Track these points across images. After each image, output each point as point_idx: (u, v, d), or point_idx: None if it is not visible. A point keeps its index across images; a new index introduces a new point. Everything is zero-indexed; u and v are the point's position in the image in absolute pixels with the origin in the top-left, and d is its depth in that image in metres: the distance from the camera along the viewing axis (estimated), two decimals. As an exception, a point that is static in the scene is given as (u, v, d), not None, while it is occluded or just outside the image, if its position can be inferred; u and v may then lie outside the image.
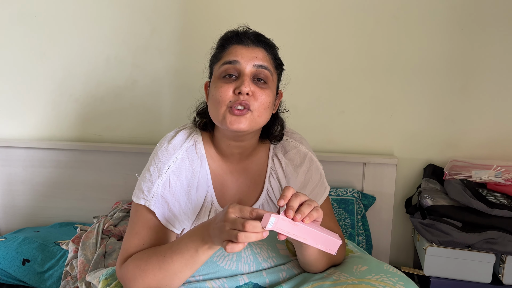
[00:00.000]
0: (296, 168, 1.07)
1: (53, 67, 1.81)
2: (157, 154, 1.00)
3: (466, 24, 1.62)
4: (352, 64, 1.70)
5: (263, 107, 0.94)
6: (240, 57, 0.94)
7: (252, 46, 0.96)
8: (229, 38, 0.98)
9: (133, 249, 0.96)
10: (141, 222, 0.97)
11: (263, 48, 0.98)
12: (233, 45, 0.97)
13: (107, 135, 1.85)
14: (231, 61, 0.94)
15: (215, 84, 0.96)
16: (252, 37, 0.97)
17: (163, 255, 0.90)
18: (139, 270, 0.91)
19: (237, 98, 0.92)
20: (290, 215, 0.77)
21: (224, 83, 0.93)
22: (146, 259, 0.92)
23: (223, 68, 0.95)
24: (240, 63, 0.94)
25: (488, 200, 1.40)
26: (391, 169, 1.68)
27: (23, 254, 1.50)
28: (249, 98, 0.92)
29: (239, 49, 0.95)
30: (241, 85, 0.91)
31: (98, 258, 1.34)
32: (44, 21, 1.78)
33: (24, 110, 1.86)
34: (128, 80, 1.80)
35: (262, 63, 0.95)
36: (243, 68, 0.94)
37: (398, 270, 1.01)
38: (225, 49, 0.97)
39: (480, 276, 1.36)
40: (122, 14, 1.75)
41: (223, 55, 0.97)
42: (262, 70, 0.95)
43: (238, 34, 0.97)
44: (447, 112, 1.68)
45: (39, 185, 1.85)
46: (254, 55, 0.95)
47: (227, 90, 0.92)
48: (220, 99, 0.92)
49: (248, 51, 0.95)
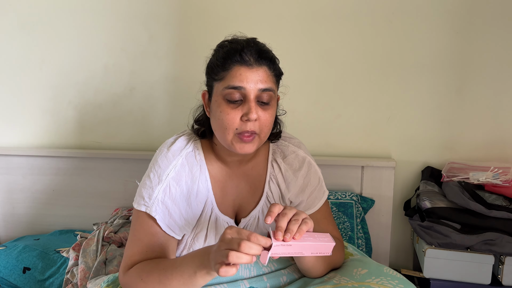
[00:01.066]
0: (295, 172, 1.08)
1: (52, 75, 1.81)
2: (157, 160, 1.01)
3: (461, 27, 1.63)
4: (349, 68, 1.70)
5: (267, 128, 0.97)
6: (245, 82, 0.92)
7: (256, 67, 0.93)
8: (230, 56, 0.94)
9: (136, 256, 0.96)
10: (142, 229, 0.98)
11: (266, 65, 0.95)
12: (236, 66, 0.93)
13: (106, 142, 1.85)
14: (236, 86, 0.92)
15: (220, 107, 0.94)
16: (255, 55, 0.94)
17: (164, 269, 0.90)
18: (141, 281, 0.92)
19: (244, 126, 0.93)
20: (279, 237, 0.78)
21: (230, 108, 0.93)
22: (148, 270, 0.92)
23: (228, 92, 0.93)
24: (245, 89, 0.92)
25: (486, 202, 1.41)
26: (389, 172, 1.69)
27: (23, 262, 1.49)
28: (255, 123, 0.94)
29: (243, 72, 0.92)
30: (249, 113, 0.91)
31: (99, 265, 1.34)
32: (42, 29, 1.78)
33: (23, 118, 1.86)
34: (126, 87, 1.80)
35: (266, 86, 0.94)
36: (248, 94, 0.92)
37: (398, 273, 1.01)
38: (227, 69, 0.94)
39: (479, 278, 1.37)
40: (120, 22, 1.75)
41: (225, 76, 0.94)
42: (266, 92, 0.94)
43: (241, 52, 0.93)
44: (444, 115, 1.69)
45: (38, 193, 1.84)
46: (258, 78, 0.93)
47: (234, 117, 0.92)
48: (227, 126, 0.93)
49: (252, 74, 0.93)
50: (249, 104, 0.92)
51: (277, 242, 0.78)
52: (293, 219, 0.81)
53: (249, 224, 1.09)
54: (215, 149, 1.05)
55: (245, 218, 1.08)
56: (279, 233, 0.78)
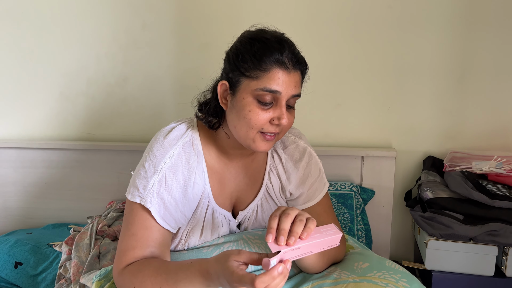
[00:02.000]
0: (296, 163, 1.06)
1: (42, 65, 1.78)
2: (152, 149, 0.97)
3: (465, 14, 1.60)
4: (348, 55, 1.68)
5: (289, 128, 0.98)
6: (282, 87, 0.89)
7: (293, 72, 0.91)
8: (269, 55, 0.89)
9: (131, 251, 0.93)
10: (136, 222, 0.95)
11: (301, 71, 0.93)
12: (275, 68, 0.88)
13: (99, 134, 1.83)
14: (273, 90, 0.89)
15: (249, 106, 0.90)
16: (293, 59, 0.91)
17: (159, 285, 0.86)
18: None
19: (272, 128, 0.92)
20: (281, 242, 0.73)
21: (260, 109, 0.90)
22: (141, 279, 0.88)
23: (262, 94, 0.89)
24: (281, 94, 0.89)
25: (490, 192, 1.39)
26: (390, 162, 1.67)
27: (15, 257, 1.47)
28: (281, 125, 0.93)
29: (281, 76, 0.89)
30: (281, 118, 0.90)
31: (92, 260, 1.32)
32: (31, 18, 1.75)
33: (13, 110, 1.84)
34: (120, 77, 1.77)
35: (297, 91, 0.93)
36: (282, 98, 0.90)
37: (400, 266, 0.99)
38: (265, 70, 0.88)
39: (482, 269, 1.35)
40: (112, 9, 1.72)
41: (261, 77, 0.89)
42: (295, 98, 0.94)
43: (282, 54, 0.89)
44: (446, 103, 1.68)
45: (30, 186, 1.83)
46: (293, 84, 0.91)
47: (264, 119, 0.90)
48: (254, 125, 0.91)
49: (290, 79, 0.90)
50: (281, 110, 0.90)
51: (285, 249, 0.72)
52: (298, 220, 0.76)
53: (247, 217, 1.07)
54: (216, 140, 1.02)
55: (243, 211, 1.07)
56: (282, 237, 0.73)
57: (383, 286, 0.88)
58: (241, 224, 1.08)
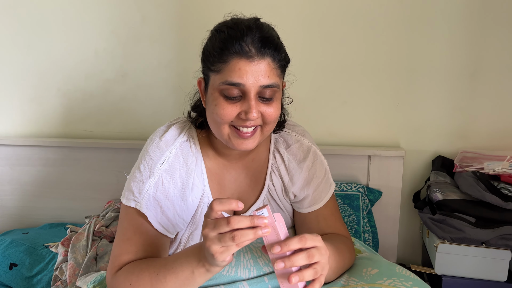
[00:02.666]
0: (300, 163, 1.02)
1: (39, 60, 1.78)
2: (148, 151, 0.95)
3: (475, 13, 1.59)
4: (355, 51, 1.67)
5: (272, 123, 0.89)
6: (244, 77, 0.82)
7: (257, 59, 0.83)
8: (228, 45, 0.84)
9: (125, 256, 0.91)
10: (132, 227, 0.92)
11: (270, 56, 0.85)
12: (235, 58, 0.83)
13: (97, 131, 1.83)
14: (234, 83, 0.83)
15: (216, 99, 0.85)
16: (257, 44, 0.83)
17: (156, 272, 0.84)
18: (130, 286, 0.86)
19: (242, 121, 0.85)
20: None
21: (227, 103, 0.84)
22: (137, 273, 0.86)
23: (224, 88, 0.84)
24: (245, 85, 0.83)
25: (503, 194, 1.37)
26: (398, 162, 1.66)
27: (10, 258, 1.47)
28: (257, 119, 0.86)
29: (242, 66, 0.82)
30: (248, 112, 0.83)
31: (89, 262, 1.31)
32: (28, 11, 1.74)
33: (9, 106, 1.84)
34: (119, 73, 1.77)
35: (269, 81, 0.84)
36: (248, 91, 0.83)
37: (411, 273, 0.96)
38: (225, 61, 0.84)
39: (495, 274, 1.32)
40: (111, 3, 1.72)
41: (223, 69, 0.84)
42: (269, 89, 0.85)
43: (240, 42, 0.83)
44: (456, 101, 1.66)
45: (27, 185, 1.83)
46: (260, 73, 0.83)
47: (231, 112, 0.84)
48: (221, 120, 0.85)
49: (253, 67, 0.83)
50: (249, 103, 0.83)
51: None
52: (312, 267, 0.73)
53: None
54: (212, 140, 0.99)
55: (245, 214, 1.01)
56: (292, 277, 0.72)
57: None
58: None
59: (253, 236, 0.69)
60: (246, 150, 0.89)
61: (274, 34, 0.88)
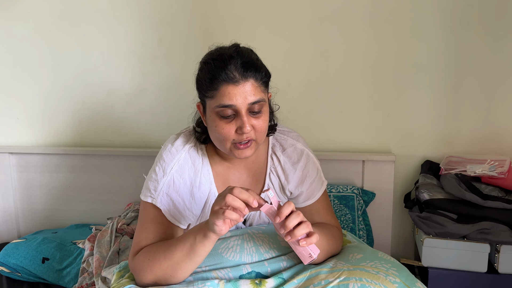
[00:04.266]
0: (294, 164, 1.12)
1: (68, 77, 1.88)
2: (162, 155, 1.07)
3: (457, 25, 1.66)
4: (349, 66, 1.74)
5: (263, 133, 1.01)
6: (234, 99, 0.94)
7: (242, 82, 0.95)
8: (216, 75, 0.95)
9: (143, 241, 1.02)
10: (149, 218, 1.04)
11: (253, 78, 0.96)
12: (223, 85, 0.95)
13: (118, 140, 1.91)
14: (226, 105, 0.95)
15: (215, 122, 0.98)
16: (240, 69, 0.95)
17: (169, 245, 0.96)
18: (148, 261, 0.97)
19: (240, 137, 0.98)
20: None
21: (224, 123, 0.97)
22: (154, 250, 0.98)
23: (219, 110, 0.96)
24: (235, 106, 0.95)
25: (482, 193, 1.44)
26: (390, 166, 1.72)
27: (42, 253, 1.56)
28: (250, 132, 0.98)
29: (231, 90, 0.94)
30: (243, 127, 0.95)
31: (113, 255, 1.40)
32: (58, 34, 1.85)
33: (41, 119, 1.93)
34: (138, 88, 1.86)
35: (254, 98, 0.96)
36: (239, 109, 0.95)
37: (391, 257, 1.05)
38: (216, 89, 0.96)
39: (476, 266, 1.38)
40: (130, 26, 1.81)
41: (215, 95, 0.96)
42: (256, 104, 0.97)
43: (226, 70, 0.94)
44: (442, 110, 1.72)
45: (55, 189, 1.91)
46: (246, 93, 0.95)
47: (230, 131, 0.97)
48: (223, 138, 0.98)
49: (240, 90, 0.94)
50: (242, 119, 0.96)
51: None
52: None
53: (251, 215, 1.15)
54: (216, 147, 1.10)
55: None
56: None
57: (374, 274, 0.95)
58: (246, 220, 1.16)
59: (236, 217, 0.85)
60: (246, 157, 1.01)
61: (253, 57, 0.99)
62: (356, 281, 0.92)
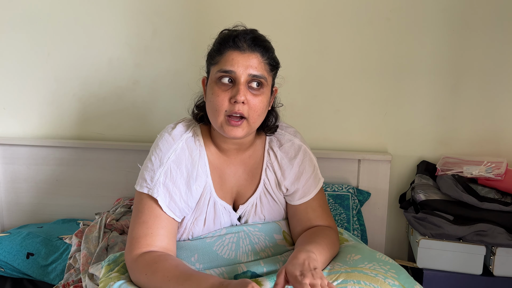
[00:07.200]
0: (291, 160, 1.11)
1: (57, 67, 1.84)
2: (158, 144, 1.05)
3: (457, 26, 1.66)
4: (347, 64, 1.73)
5: (257, 114, 0.99)
6: (235, 66, 0.96)
7: (248, 52, 0.97)
8: (225, 41, 0.99)
9: (143, 238, 0.99)
10: (146, 210, 1.01)
11: (259, 52, 0.98)
12: (229, 50, 0.97)
13: (108, 134, 1.88)
14: (226, 70, 0.96)
15: (212, 89, 0.99)
16: (248, 41, 0.97)
17: (168, 279, 0.89)
18: (145, 276, 0.93)
19: (233, 107, 0.96)
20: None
21: (221, 90, 0.97)
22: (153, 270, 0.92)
23: (219, 75, 0.98)
24: (235, 73, 0.96)
25: (479, 194, 1.44)
26: (385, 166, 1.71)
27: (27, 248, 1.52)
28: (244, 106, 0.97)
29: (235, 56, 0.97)
30: (236, 95, 0.95)
31: (101, 251, 1.37)
32: (48, 23, 1.81)
33: (29, 109, 1.89)
34: (130, 81, 1.83)
35: (256, 72, 0.97)
36: (238, 78, 0.96)
37: (390, 258, 1.04)
38: (221, 53, 0.98)
39: (471, 268, 1.38)
40: (124, 16, 1.78)
41: (219, 60, 0.98)
42: (257, 79, 0.98)
43: (235, 38, 0.97)
44: (439, 111, 1.72)
45: (42, 183, 1.87)
46: (249, 64, 0.96)
47: (224, 99, 0.97)
48: (217, 107, 0.97)
49: (244, 59, 0.96)
50: (238, 87, 0.96)
51: None
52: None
53: (247, 210, 1.12)
54: (213, 137, 1.09)
55: (243, 205, 1.12)
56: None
57: (372, 276, 0.93)
58: (241, 217, 1.14)
59: None
60: (235, 137, 0.99)
61: (266, 39, 1.03)
62: (354, 284, 0.91)
